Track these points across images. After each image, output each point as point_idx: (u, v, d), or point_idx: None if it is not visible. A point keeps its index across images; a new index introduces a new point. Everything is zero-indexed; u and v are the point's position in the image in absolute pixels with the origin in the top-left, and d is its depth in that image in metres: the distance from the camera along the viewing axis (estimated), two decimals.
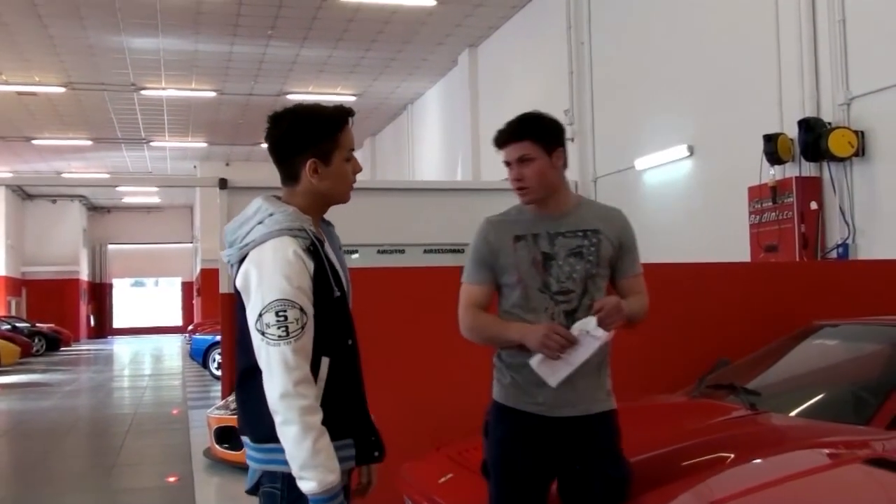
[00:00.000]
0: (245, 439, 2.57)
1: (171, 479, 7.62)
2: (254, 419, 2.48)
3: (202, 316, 28.45)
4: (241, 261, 2.49)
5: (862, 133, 7.72)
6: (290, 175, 2.57)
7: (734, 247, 8.87)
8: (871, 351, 4.29)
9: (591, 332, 2.88)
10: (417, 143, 21.45)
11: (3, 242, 31.80)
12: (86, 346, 32.34)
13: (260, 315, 2.38)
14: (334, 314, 2.51)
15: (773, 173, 8.33)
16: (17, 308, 32.90)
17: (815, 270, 6.64)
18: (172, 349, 29.25)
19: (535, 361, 2.91)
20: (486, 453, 3.14)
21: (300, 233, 2.46)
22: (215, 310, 20.68)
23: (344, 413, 2.50)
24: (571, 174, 13.02)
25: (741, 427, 3.52)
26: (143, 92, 19.51)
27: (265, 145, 2.65)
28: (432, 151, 20.35)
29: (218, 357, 16.62)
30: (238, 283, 2.48)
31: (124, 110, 21.40)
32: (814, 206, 8.00)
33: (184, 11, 14.59)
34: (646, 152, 11.09)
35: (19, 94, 19.34)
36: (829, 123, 7.92)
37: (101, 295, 39.89)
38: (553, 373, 2.94)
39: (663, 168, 10.83)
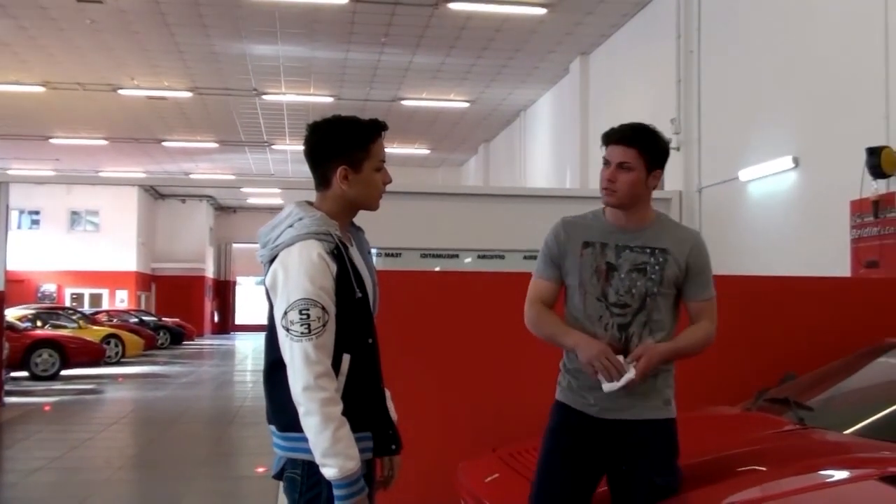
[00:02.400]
0: (271, 428, 2.74)
1: (260, 470, 7.92)
2: (279, 409, 2.65)
3: None
4: (272, 261, 2.67)
5: None
6: (322, 180, 2.73)
7: (835, 261, 8.62)
8: None
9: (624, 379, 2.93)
10: (529, 149, 21.50)
11: (136, 240, 33.44)
12: (208, 341, 33.65)
13: (285, 313, 2.55)
14: (356, 314, 2.66)
15: (875, 187, 8.06)
16: (147, 302, 34.53)
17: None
18: None
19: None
20: (542, 443, 3.24)
21: (325, 237, 2.62)
22: None
23: (363, 407, 2.64)
24: (676, 184, 12.92)
25: (780, 441, 3.49)
26: (264, 97, 20.23)
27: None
28: (543, 158, 20.37)
29: None
30: (267, 282, 2.66)
31: (247, 114, 22.21)
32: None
33: (301, 19, 15.09)
34: (750, 163, 10.85)
35: (149, 98, 20.34)
36: None
37: (224, 292, 41.38)
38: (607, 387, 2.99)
39: (767, 179, 10.58)
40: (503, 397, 5.06)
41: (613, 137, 3.08)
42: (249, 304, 42.63)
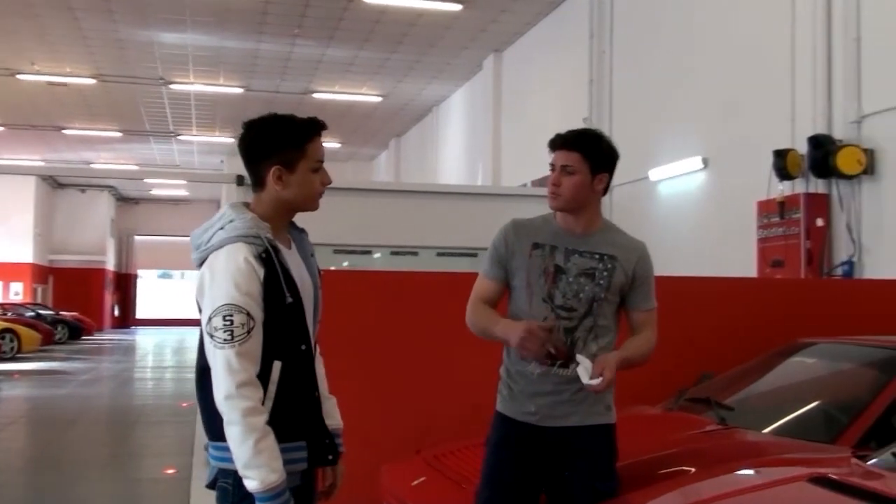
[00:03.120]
0: (202, 436, 2.67)
1: (170, 471, 7.71)
2: (210, 418, 2.56)
3: None
4: (202, 264, 2.59)
5: (872, 151, 7.68)
6: (256, 181, 2.64)
7: (742, 261, 8.85)
8: (847, 370, 4.28)
9: (582, 372, 2.88)
10: (441, 146, 21.52)
11: (32, 230, 32.25)
12: (108, 336, 32.70)
13: (210, 318, 2.47)
14: (286, 320, 2.57)
15: (781, 188, 8.31)
16: (43, 295, 33.34)
17: (817, 288, 6.63)
18: (194, 342, 29.38)
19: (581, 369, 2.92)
20: (483, 457, 3.21)
21: (255, 240, 2.53)
22: None
23: (296, 416, 2.57)
24: None
25: (705, 442, 3.54)
26: (171, 86, 19.74)
27: None
28: (455, 155, 20.41)
29: None
30: (196, 286, 2.57)
31: (153, 103, 21.65)
32: (820, 222, 7.96)
33: (211, 8, 14.77)
34: (661, 163, 11.07)
35: (50, 84, 19.62)
36: (840, 141, 7.89)
37: (125, 285, 40.28)
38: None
39: (677, 180, 10.81)
40: (425, 399, 5.02)
41: (558, 142, 3.10)
42: (151, 298, 41.66)
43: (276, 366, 2.53)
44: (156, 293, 42.23)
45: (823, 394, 4.12)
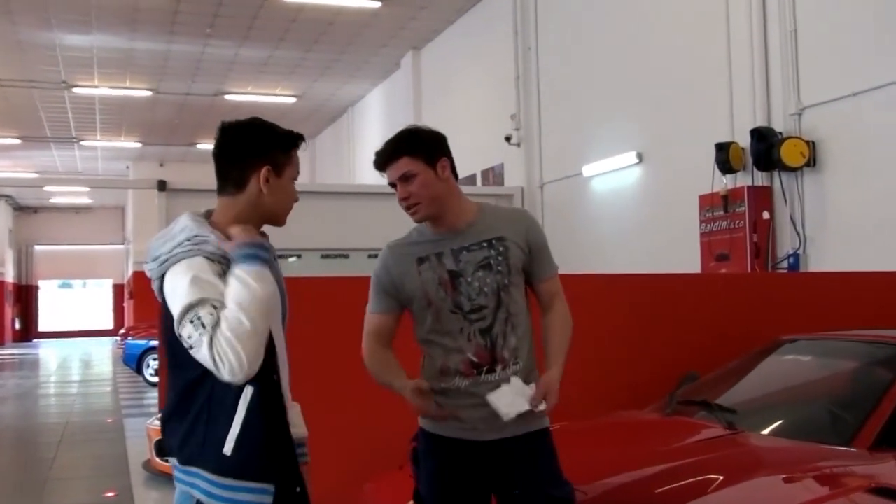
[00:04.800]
0: (172, 461, 2.42)
1: (110, 494, 7.28)
2: (183, 441, 2.34)
3: (134, 319, 27.71)
4: (162, 277, 2.38)
5: (813, 143, 7.75)
6: (237, 180, 2.45)
7: (684, 255, 8.85)
8: (841, 367, 4.23)
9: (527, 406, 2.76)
10: (358, 146, 21.21)
11: None
12: (10, 350, 31.29)
13: (180, 335, 2.25)
14: None
15: (725, 182, 8.33)
16: None
17: (772, 282, 6.64)
18: (102, 353, 28.42)
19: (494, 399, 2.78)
20: (420, 485, 3.00)
21: (222, 260, 2.34)
22: (151, 313, 20.18)
23: (266, 453, 2.32)
24: (518, 180, 13.01)
25: (722, 448, 3.41)
26: (74, 90, 18.92)
27: (202, 146, 2.55)
28: (374, 155, 20.10)
29: (153, 363, 16.18)
30: (166, 302, 2.36)
31: (54, 108, 20.73)
32: (766, 215, 8.01)
33: (119, 8, 14.14)
34: (594, 159, 11.04)
35: None
36: (781, 133, 7.94)
37: (26, 297, 38.69)
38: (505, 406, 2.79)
39: (611, 175, 10.79)
40: (404, 412, 4.77)
41: (381, 160, 2.95)
42: (53, 310, 40.09)
43: (248, 391, 2.30)
44: (57, 305, 40.62)
45: (821, 392, 4.05)
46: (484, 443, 2.84)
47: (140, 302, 27.38)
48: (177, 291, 2.29)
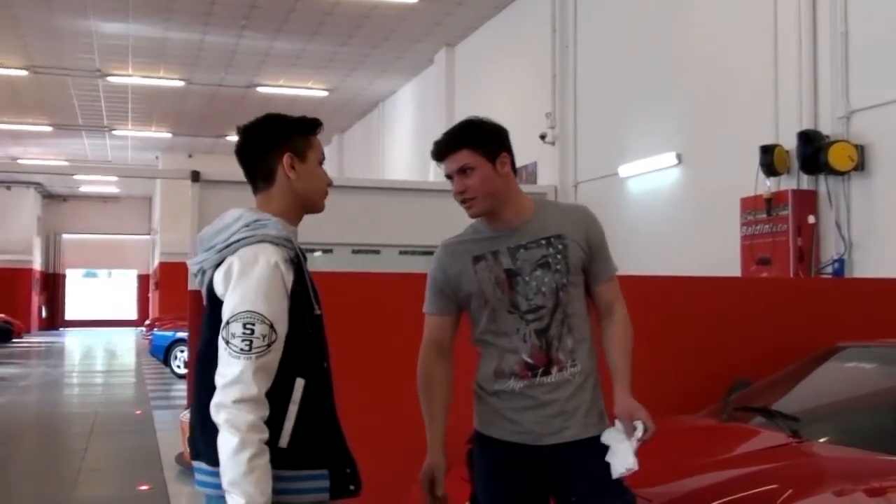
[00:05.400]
0: (199, 464, 2.41)
1: (144, 488, 7.24)
2: (214, 443, 2.29)
3: (160, 310, 27.86)
4: (217, 266, 2.37)
5: (862, 147, 7.59)
6: (265, 176, 2.47)
7: (723, 258, 8.72)
8: None
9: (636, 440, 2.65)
10: (388, 141, 21.15)
11: None
12: (37, 338, 31.52)
13: (227, 323, 2.26)
14: (313, 333, 2.40)
15: (768, 185, 8.19)
16: None
17: (821, 287, 6.50)
18: (127, 344, 28.56)
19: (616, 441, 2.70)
20: (477, 487, 2.91)
21: (286, 243, 2.36)
22: (177, 305, 20.21)
23: (319, 440, 2.37)
24: (552, 179, 12.90)
25: (789, 457, 3.31)
26: (108, 78, 18.97)
27: (231, 138, 2.56)
28: (403, 151, 20.06)
29: (181, 354, 16.19)
30: (219, 289, 2.34)
31: (87, 97, 20.81)
32: (811, 219, 7.86)
33: None
34: (630, 159, 10.91)
35: None
36: (828, 137, 7.79)
37: (53, 285, 38.96)
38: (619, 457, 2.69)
39: (649, 176, 10.66)
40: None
41: (439, 150, 2.86)
42: (80, 299, 40.37)
43: (299, 384, 2.33)
44: (83, 294, 40.88)
45: (888, 401, 3.92)
46: (540, 447, 2.75)
47: (166, 293, 27.54)
48: (241, 281, 2.27)
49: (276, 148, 2.45)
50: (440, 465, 2.82)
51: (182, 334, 16.12)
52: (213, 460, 2.28)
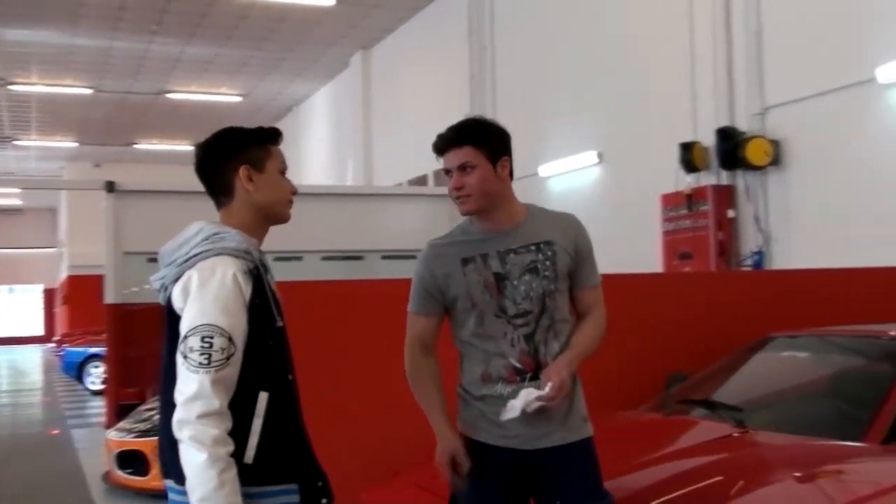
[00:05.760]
0: (169, 482, 2.35)
1: None
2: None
3: (69, 326, 26.97)
4: (177, 280, 2.33)
5: (777, 142, 7.82)
6: (223, 190, 2.43)
7: (645, 254, 8.87)
8: (836, 362, 4.22)
9: (534, 397, 2.66)
10: (303, 146, 20.97)
11: None
12: None
13: (185, 337, 2.23)
14: (274, 346, 2.36)
15: (688, 181, 8.37)
16: None
17: (738, 280, 6.65)
18: (33, 361, 27.57)
19: (514, 406, 2.69)
20: (457, 492, 2.88)
21: (245, 255, 2.32)
22: (89, 319, 19.62)
23: (286, 454, 2.33)
24: None
25: (737, 447, 3.37)
26: (11, 87, 18.34)
27: (140, 146, 2.48)
28: (319, 155, 19.92)
29: (94, 371, 15.73)
30: (178, 303, 2.30)
31: None
32: (731, 213, 8.06)
33: (62, 2, 13.73)
34: (551, 158, 11.03)
35: None
36: (744, 133, 8.00)
37: None
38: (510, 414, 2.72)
39: (570, 175, 10.79)
40: (384, 415, 4.64)
41: (443, 144, 2.82)
42: None
43: (263, 397, 2.29)
44: None
45: (825, 389, 4.02)
46: (526, 452, 2.75)
47: (75, 308, 26.67)
48: (199, 295, 2.24)
49: (231, 161, 2.41)
50: (456, 446, 2.76)
51: (95, 350, 15.68)
52: (183, 478, 2.22)
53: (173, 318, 2.30)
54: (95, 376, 15.66)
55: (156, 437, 7.26)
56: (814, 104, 7.51)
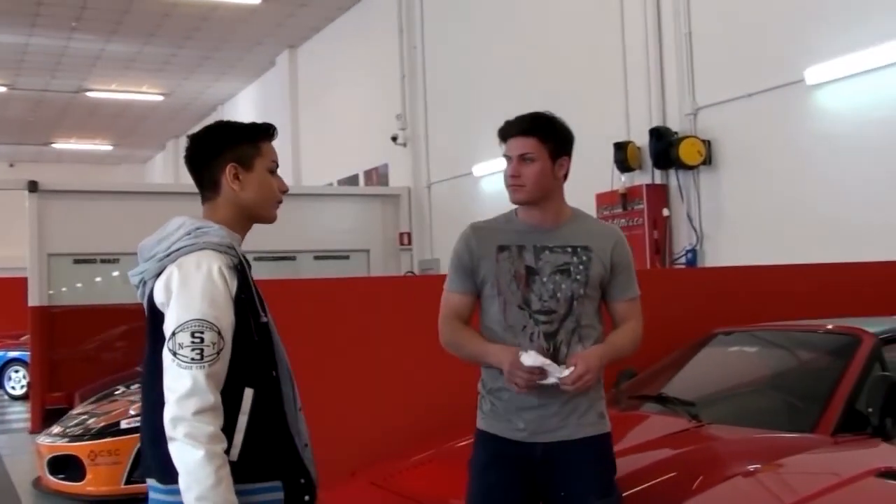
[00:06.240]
0: (151, 482, 2.31)
1: None
2: (166, 459, 2.20)
3: None
4: (159, 276, 2.28)
5: (709, 142, 7.99)
6: (210, 185, 2.40)
7: None
8: (782, 356, 4.33)
9: (554, 376, 2.69)
10: None
11: None
12: None
13: (174, 333, 2.18)
14: (259, 342, 2.32)
15: (623, 180, 8.50)
16: None
17: (683, 277, 6.79)
18: None
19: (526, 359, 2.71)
20: (469, 481, 2.90)
21: (229, 250, 2.29)
22: (8, 322, 18.99)
23: (271, 451, 2.30)
24: (404, 180, 12.93)
25: (695, 441, 3.43)
26: None
27: (58, 145, 2.45)
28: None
29: (15, 375, 15.27)
30: (159, 298, 2.26)
31: None
32: (666, 212, 8.21)
33: None
34: (485, 158, 11.07)
35: None
36: (676, 133, 8.16)
37: None
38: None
39: (502, 175, 10.82)
40: (342, 416, 4.61)
41: (511, 130, 2.87)
42: None
43: (248, 394, 2.26)
44: None
45: (774, 382, 4.12)
46: (537, 445, 2.77)
47: None
48: (185, 290, 2.20)
49: (220, 157, 2.37)
50: (513, 357, 2.70)
51: (15, 354, 15.23)
52: (166, 477, 2.19)
53: (154, 315, 2.25)
54: (16, 381, 15.21)
55: (90, 442, 7.04)
56: (744, 105, 7.69)
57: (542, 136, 2.83)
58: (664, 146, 8.06)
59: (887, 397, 3.41)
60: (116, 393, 7.90)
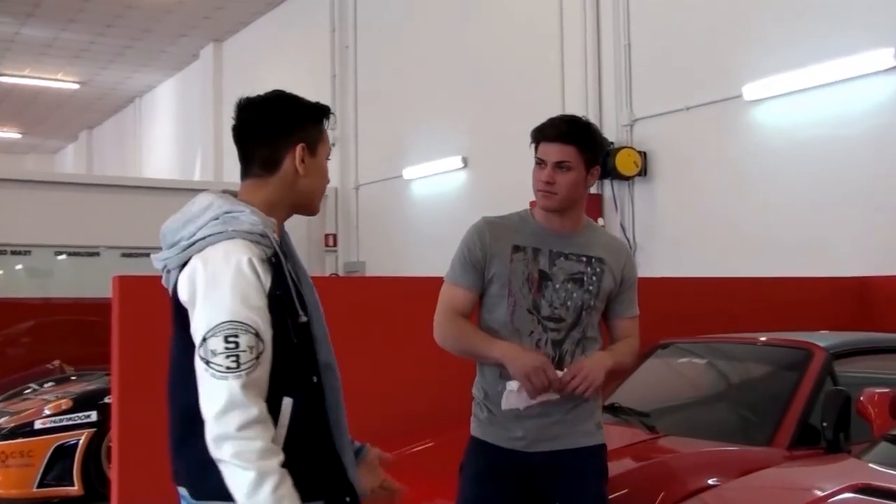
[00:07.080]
0: (183, 491, 2.06)
1: None
2: (198, 470, 1.97)
3: None
4: (184, 266, 1.99)
5: (645, 154, 8.03)
6: (267, 162, 2.10)
7: None
8: (730, 368, 4.33)
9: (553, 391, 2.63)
10: (147, 139, 20.13)
11: None
12: None
13: (204, 339, 1.91)
14: (299, 345, 2.04)
15: None
16: None
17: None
18: None
19: (513, 385, 2.61)
20: (460, 491, 2.79)
21: (262, 239, 2.00)
22: None
23: (312, 468, 2.03)
24: (332, 180, 12.72)
25: (655, 452, 3.38)
26: None
27: None
28: (165, 149, 19.16)
29: None
30: (183, 295, 1.97)
31: None
32: (600, 222, 8.21)
33: None
34: (415, 161, 10.97)
35: None
36: (612, 143, 8.18)
37: None
38: (516, 402, 2.63)
39: (435, 178, 10.75)
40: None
41: (549, 134, 2.74)
42: None
43: (287, 403, 1.99)
44: None
45: (726, 394, 4.12)
46: (534, 454, 2.68)
47: None
48: (214, 287, 1.93)
49: (289, 135, 2.11)
50: (541, 357, 2.60)
51: None
52: (201, 491, 1.98)
53: (179, 309, 1.99)
54: None
55: (8, 442, 6.64)
56: (681, 118, 7.76)
57: (581, 146, 2.72)
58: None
59: (841, 412, 3.41)
60: (27, 392, 7.52)
